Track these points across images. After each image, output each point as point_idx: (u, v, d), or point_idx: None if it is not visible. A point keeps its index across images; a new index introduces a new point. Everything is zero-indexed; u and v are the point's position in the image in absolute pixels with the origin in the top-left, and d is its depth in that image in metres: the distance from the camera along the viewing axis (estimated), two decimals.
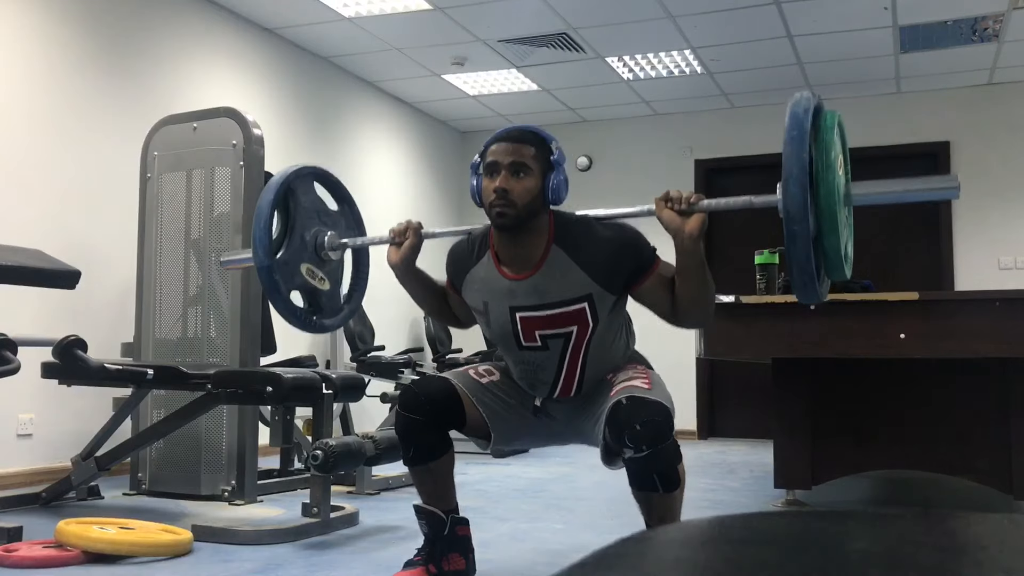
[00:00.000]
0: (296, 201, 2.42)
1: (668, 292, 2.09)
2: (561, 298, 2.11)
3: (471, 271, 2.24)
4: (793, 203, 1.74)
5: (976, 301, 2.98)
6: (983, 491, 3.70)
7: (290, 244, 2.41)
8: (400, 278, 2.34)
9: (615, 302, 2.15)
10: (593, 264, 2.09)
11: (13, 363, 2.82)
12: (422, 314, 6.99)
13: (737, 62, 6.23)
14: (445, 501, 2.27)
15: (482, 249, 2.22)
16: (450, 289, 2.35)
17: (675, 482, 1.97)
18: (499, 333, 2.21)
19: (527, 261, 2.13)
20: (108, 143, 4.50)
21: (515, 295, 2.15)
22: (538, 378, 2.23)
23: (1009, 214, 6.52)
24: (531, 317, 2.14)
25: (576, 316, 2.12)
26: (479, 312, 2.25)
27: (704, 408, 7.17)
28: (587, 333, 2.14)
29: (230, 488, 3.55)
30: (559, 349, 2.16)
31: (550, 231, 2.13)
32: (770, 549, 0.58)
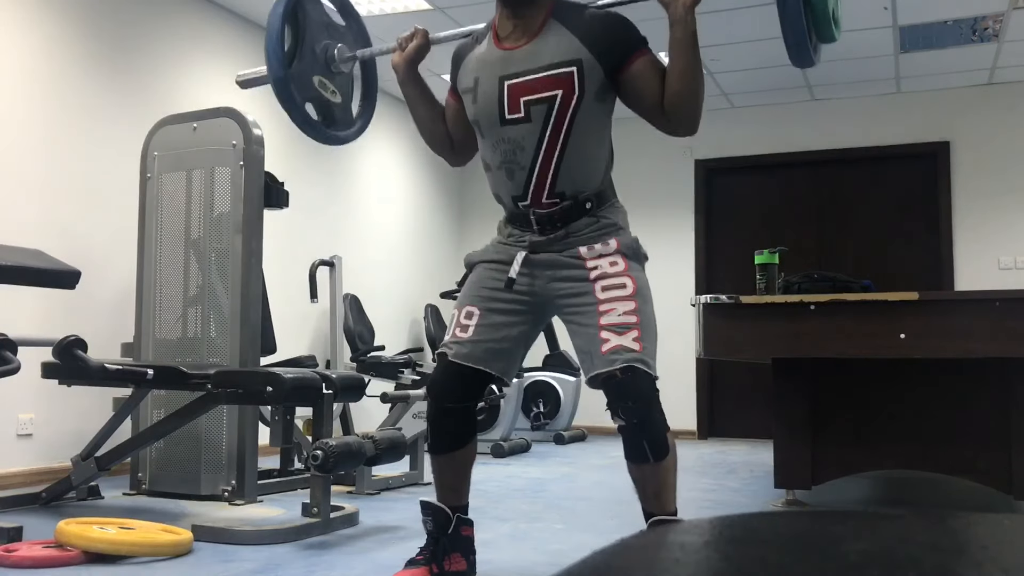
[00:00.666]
0: (305, 14, 2.45)
1: (658, 81, 2.17)
2: (552, 60, 2.16)
3: (469, 54, 2.31)
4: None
5: (976, 301, 2.98)
6: (983, 491, 3.70)
7: (302, 57, 2.43)
8: (402, 81, 2.39)
9: (603, 82, 2.17)
10: (587, 34, 2.17)
11: (13, 363, 2.82)
12: (422, 314, 6.98)
13: (737, 62, 6.23)
14: (459, 496, 2.30)
15: (483, 34, 2.32)
16: (451, 98, 2.39)
17: (664, 450, 2.08)
18: (484, 108, 2.23)
19: (525, 31, 2.21)
20: (108, 143, 4.50)
21: (507, 64, 2.21)
22: (516, 161, 2.20)
23: (1009, 214, 6.52)
24: (519, 83, 2.18)
25: (563, 79, 2.15)
26: (468, 91, 2.28)
27: (704, 408, 7.17)
28: (571, 102, 2.15)
29: (230, 488, 3.55)
30: (541, 120, 2.16)
31: (550, 7, 2.23)
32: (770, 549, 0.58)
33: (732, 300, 3.19)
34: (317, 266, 5.66)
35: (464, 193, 7.95)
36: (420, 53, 2.37)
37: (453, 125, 2.41)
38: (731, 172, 7.32)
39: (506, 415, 5.61)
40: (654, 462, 2.08)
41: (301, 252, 5.78)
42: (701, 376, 7.13)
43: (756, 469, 5.02)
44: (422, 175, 7.45)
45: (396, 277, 6.91)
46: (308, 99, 2.45)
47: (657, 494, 2.11)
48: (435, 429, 2.28)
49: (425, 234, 7.41)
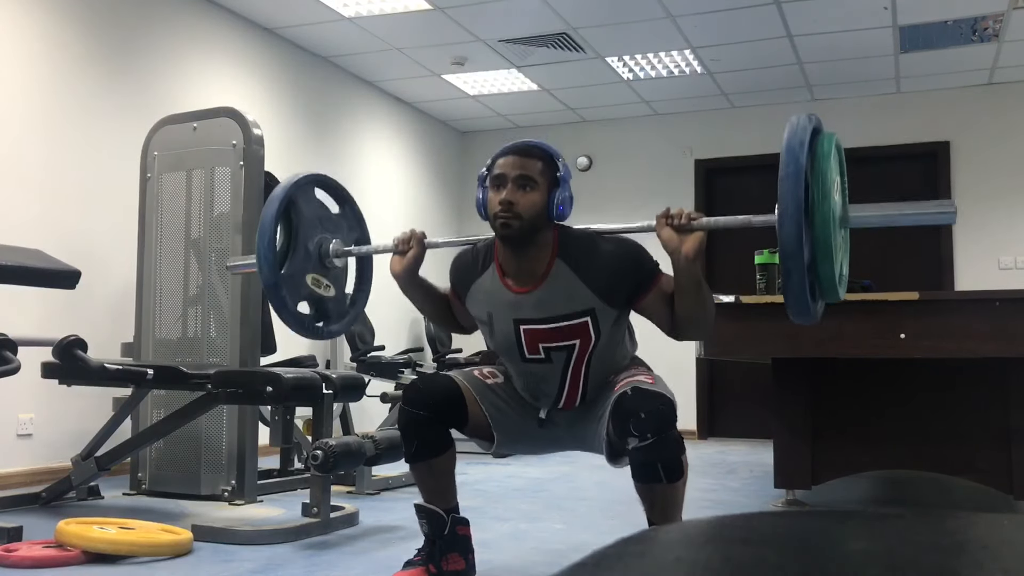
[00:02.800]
0: (298, 212, 2.42)
1: (669, 307, 2.12)
2: (564, 312, 2.13)
3: (475, 282, 2.25)
4: (788, 239, 1.77)
5: (976, 301, 2.98)
6: (983, 491, 3.70)
7: (294, 256, 2.41)
8: (403, 287, 2.35)
9: (617, 316, 2.17)
10: (596, 279, 2.11)
11: (13, 363, 2.82)
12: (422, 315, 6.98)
13: (737, 62, 6.23)
14: (446, 500, 2.28)
15: (487, 261, 2.23)
16: (453, 298, 2.36)
17: (678, 472, 2.00)
18: (503, 344, 2.22)
19: (531, 275, 2.15)
20: (108, 143, 4.50)
21: (519, 308, 2.16)
22: (541, 389, 2.24)
23: (1009, 214, 6.52)
24: (535, 330, 2.16)
25: (579, 330, 2.14)
26: (483, 323, 2.27)
27: (704, 408, 7.17)
28: (589, 346, 2.16)
29: (230, 488, 3.54)
30: (562, 361, 2.18)
31: (554, 245, 2.15)
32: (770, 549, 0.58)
33: (732, 300, 3.18)
34: None
35: (464, 193, 7.95)
36: (418, 262, 2.31)
37: (461, 317, 2.41)
38: (731, 172, 7.32)
39: None
40: (666, 483, 2.00)
41: None
42: (701, 376, 7.13)
43: (756, 469, 5.02)
44: (422, 175, 7.44)
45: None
46: (301, 299, 2.43)
47: (664, 511, 2.06)
48: (408, 437, 2.21)
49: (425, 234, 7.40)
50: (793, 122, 1.85)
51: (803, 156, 1.78)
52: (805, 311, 1.85)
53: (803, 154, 1.79)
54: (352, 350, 5.79)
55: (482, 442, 2.31)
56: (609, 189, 7.40)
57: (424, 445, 2.21)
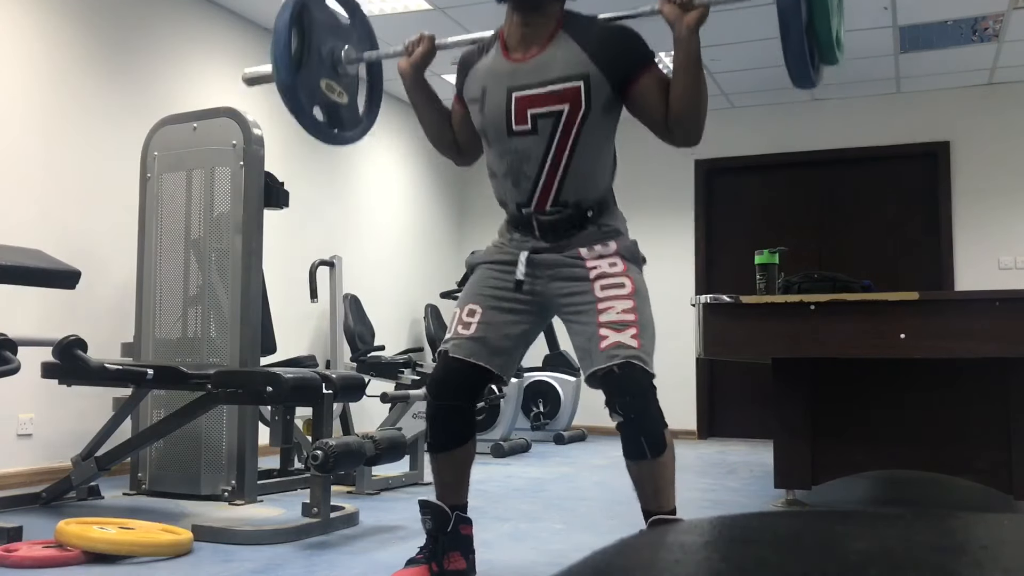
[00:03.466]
0: (311, 17, 2.44)
1: (663, 95, 2.19)
2: (560, 74, 2.17)
3: (476, 64, 2.32)
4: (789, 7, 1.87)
5: (976, 301, 2.98)
6: (983, 491, 3.70)
7: (308, 61, 2.44)
8: (408, 86, 2.40)
9: (610, 96, 2.19)
10: (595, 46, 2.18)
11: (13, 363, 2.82)
12: (422, 314, 6.98)
13: (737, 62, 6.23)
14: (458, 495, 2.30)
15: (491, 43, 2.31)
16: (456, 105, 2.41)
17: (661, 446, 2.10)
18: (492, 119, 2.24)
19: (534, 42, 2.22)
20: (108, 143, 4.50)
21: (515, 75, 2.21)
22: (522, 171, 2.22)
23: (1009, 214, 6.52)
24: (526, 95, 2.19)
25: (570, 94, 2.17)
26: (475, 101, 2.29)
27: (704, 408, 7.17)
28: (577, 116, 2.17)
29: (230, 488, 3.55)
30: (547, 133, 2.18)
31: (559, 17, 2.23)
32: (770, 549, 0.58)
33: (732, 300, 3.18)
34: (317, 266, 5.66)
35: (464, 193, 7.95)
36: (426, 59, 2.37)
37: (459, 130, 2.43)
38: (731, 172, 7.32)
39: (506, 415, 5.60)
40: (651, 458, 2.09)
41: (301, 252, 5.78)
42: (701, 376, 7.13)
43: (756, 469, 5.02)
44: (422, 175, 7.45)
45: (396, 277, 6.91)
46: (315, 103, 2.47)
47: (656, 492, 2.13)
48: (434, 427, 2.29)
49: (425, 234, 7.41)
50: None
51: None
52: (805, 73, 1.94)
53: None
54: (352, 350, 5.79)
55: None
56: None
57: (449, 435, 2.27)
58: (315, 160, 5.97)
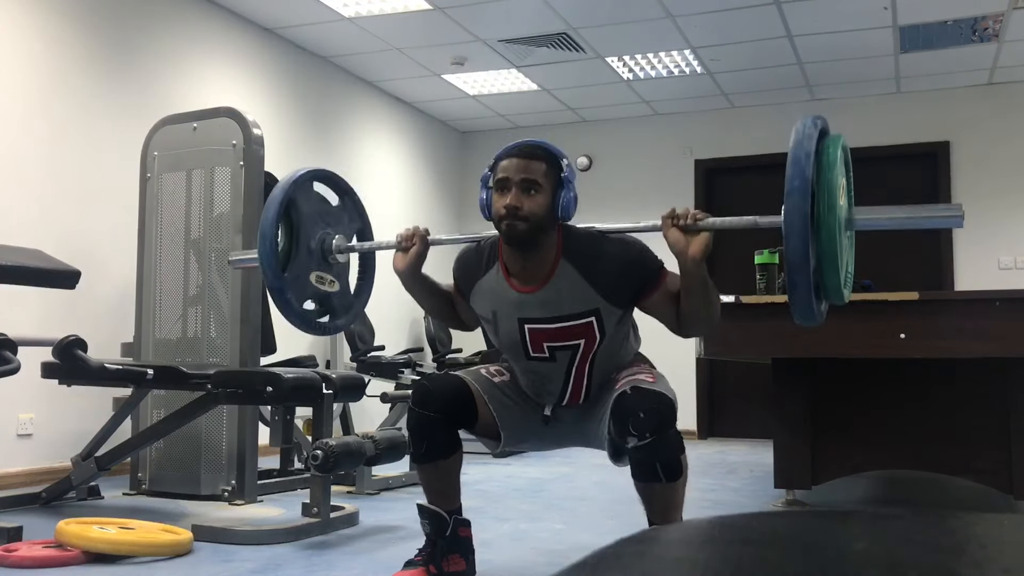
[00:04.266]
0: (298, 211, 2.42)
1: (674, 305, 2.12)
2: (569, 312, 2.13)
3: (480, 281, 2.25)
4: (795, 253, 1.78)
5: (976, 301, 2.98)
6: (983, 491, 3.70)
7: (297, 256, 2.41)
8: (406, 284, 2.35)
9: (622, 315, 2.18)
10: (601, 280, 2.11)
11: (13, 363, 2.82)
12: (422, 314, 6.98)
13: (737, 62, 6.23)
14: (449, 501, 2.28)
15: (491, 260, 2.23)
16: (457, 295, 2.36)
17: (677, 471, 2.01)
18: (507, 343, 2.23)
19: (536, 275, 2.14)
20: (108, 143, 4.50)
21: (524, 307, 2.16)
22: (545, 388, 2.25)
23: (1009, 214, 6.52)
24: (539, 329, 2.16)
25: (583, 330, 2.14)
26: (487, 321, 2.26)
27: (704, 408, 7.17)
28: (594, 346, 2.17)
29: (230, 488, 3.54)
30: (566, 360, 2.18)
31: (559, 246, 2.14)
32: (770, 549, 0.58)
33: (732, 300, 3.18)
34: None
35: (464, 193, 7.95)
36: (421, 258, 2.30)
37: (463, 312, 2.40)
38: (731, 172, 7.32)
39: None
40: (665, 482, 2.01)
41: None
42: (701, 376, 7.13)
43: (756, 469, 5.02)
44: (422, 175, 7.45)
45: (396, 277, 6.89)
46: (306, 298, 2.45)
47: (664, 511, 2.07)
48: (417, 438, 2.20)
49: None
50: (799, 131, 1.82)
51: (809, 169, 1.78)
52: (810, 316, 1.87)
53: (809, 166, 1.78)
54: (352, 350, 5.79)
55: (488, 441, 2.32)
56: (609, 189, 7.40)
57: (433, 446, 2.20)
58: (315, 160, 5.97)
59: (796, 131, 1.83)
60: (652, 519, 2.11)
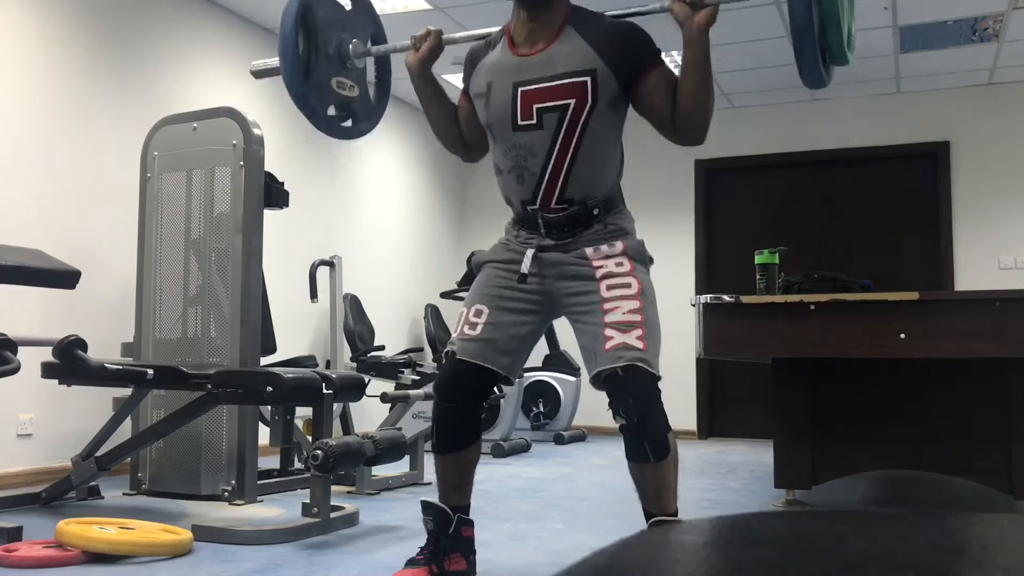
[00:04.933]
0: (314, 16, 2.44)
1: (670, 93, 2.17)
2: (566, 69, 2.17)
3: (483, 59, 2.31)
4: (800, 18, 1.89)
5: (976, 301, 2.98)
6: (983, 491, 3.70)
7: (317, 63, 2.44)
8: (416, 81, 2.40)
9: (616, 92, 2.18)
10: (603, 42, 2.17)
11: (13, 363, 2.82)
12: (422, 314, 6.98)
13: (737, 62, 6.23)
14: (461, 496, 2.30)
15: (498, 38, 2.31)
16: (463, 101, 2.40)
17: (664, 449, 2.08)
18: (497, 114, 2.24)
19: (540, 37, 2.21)
20: (108, 143, 4.50)
21: (521, 70, 2.21)
22: (527, 167, 2.21)
23: (1009, 214, 6.52)
24: (532, 90, 2.19)
25: (576, 88, 2.16)
26: (481, 96, 2.28)
27: (704, 408, 7.17)
28: (583, 111, 2.16)
29: (230, 488, 3.55)
30: (552, 127, 2.18)
31: (566, 12, 2.23)
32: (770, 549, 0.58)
33: (732, 300, 3.18)
34: (317, 266, 5.66)
35: (464, 193, 7.95)
36: (434, 54, 2.38)
37: (466, 126, 2.43)
38: (731, 172, 7.32)
39: (506, 415, 5.60)
40: (654, 462, 2.08)
41: (301, 252, 5.78)
42: (701, 376, 7.13)
43: (756, 469, 5.02)
44: (422, 175, 7.45)
45: (396, 277, 6.91)
46: (329, 103, 2.49)
47: (657, 494, 2.12)
48: (439, 428, 2.28)
49: (425, 234, 7.41)
50: None
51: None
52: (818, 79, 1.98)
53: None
54: (352, 350, 5.79)
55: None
56: None
57: (454, 436, 2.26)
58: (315, 160, 5.97)
59: None
60: (646, 506, 2.15)
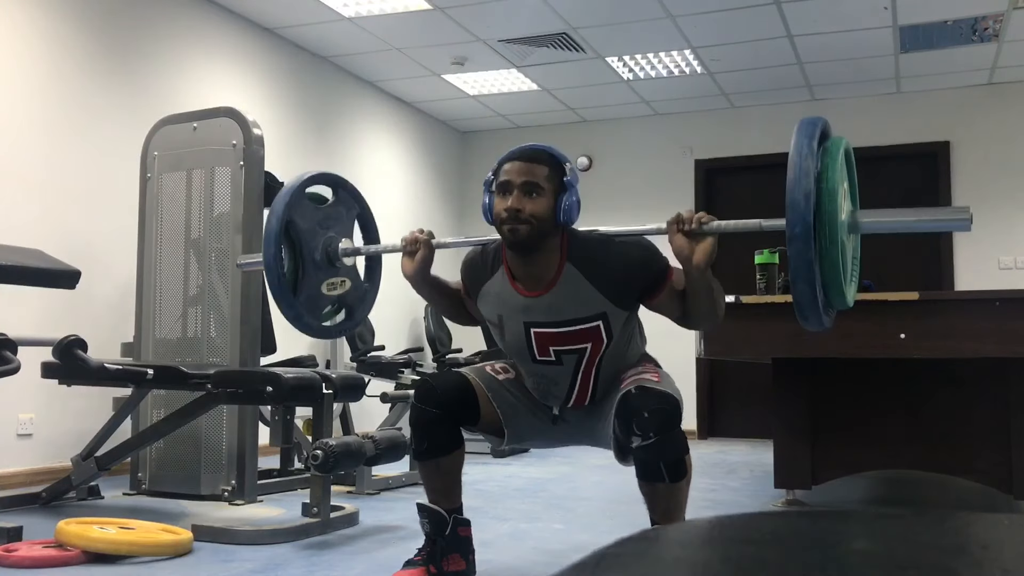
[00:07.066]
0: (296, 229, 2.42)
1: (680, 302, 2.13)
2: (575, 316, 2.13)
3: (486, 284, 2.25)
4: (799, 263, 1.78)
5: (976, 301, 2.98)
6: (983, 491, 3.70)
7: (305, 275, 2.43)
8: (416, 288, 2.36)
9: (628, 316, 2.18)
10: (606, 283, 2.11)
11: (13, 363, 2.82)
12: (422, 314, 6.98)
13: (737, 62, 6.23)
14: (450, 499, 2.28)
15: (496, 264, 2.23)
16: (465, 295, 2.37)
17: (682, 472, 2.02)
18: (514, 346, 2.23)
19: (541, 279, 2.14)
20: (108, 143, 4.50)
21: (530, 311, 2.16)
22: (551, 391, 2.25)
23: (1009, 214, 6.52)
24: (545, 333, 2.16)
25: (590, 333, 2.14)
26: (494, 324, 2.27)
27: (704, 408, 7.17)
28: (601, 348, 2.17)
29: (230, 488, 3.54)
30: (573, 364, 2.18)
31: (563, 250, 2.14)
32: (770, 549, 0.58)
33: (732, 300, 3.18)
34: None
35: (464, 193, 7.95)
36: (428, 262, 2.30)
37: (474, 311, 2.40)
38: (731, 172, 7.32)
39: None
40: (669, 483, 2.03)
41: None
42: (701, 376, 7.13)
43: (756, 469, 5.02)
44: (422, 175, 7.44)
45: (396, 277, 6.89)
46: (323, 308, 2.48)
47: (667, 512, 2.08)
48: (420, 435, 2.22)
49: None
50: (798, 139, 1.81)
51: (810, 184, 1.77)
52: (818, 323, 1.89)
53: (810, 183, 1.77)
54: (352, 350, 5.79)
55: (492, 438, 2.32)
56: (609, 189, 7.39)
57: (434, 443, 2.22)
58: (315, 160, 5.97)
59: (796, 137, 1.82)
60: (655, 520, 2.11)
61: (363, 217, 2.65)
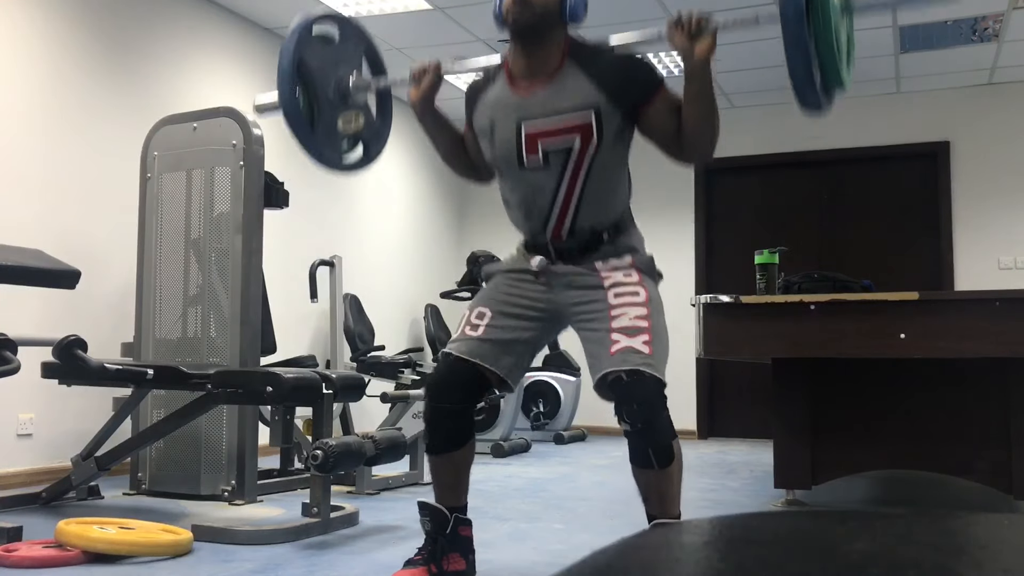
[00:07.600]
0: (308, 68, 2.43)
1: (674, 118, 2.15)
2: (569, 105, 2.15)
3: (483, 95, 2.30)
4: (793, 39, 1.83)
5: (976, 301, 2.98)
6: (983, 491, 3.70)
7: (321, 113, 2.45)
8: (419, 116, 2.39)
9: (620, 123, 2.17)
10: (604, 76, 2.14)
11: (13, 363, 2.82)
12: (422, 314, 6.99)
13: (737, 62, 6.23)
14: (456, 496, 2.30)
15: (497, 73, 2.29)
16: (467, 130, 2.40)
17: (668, 457, 2.07)
18: (502, 151, 2.23)
19: (540, 72, 2.18)
20: (108, 143, 4.50)
21: (523, 107, 2.19)
22: (535, 203, 2.23)
23: (1009, 214, 6.52)
24: (536, 128, 2.17)
25: (580, 125, 2.14)
26: (484, 133, 2.28)
27: (704, 408, 7.17)
28: (588, 148, 2.15)
29: (230, 488, 3.55)
30: (559, 166, 2.17)
31: (565, 47, 2.19)
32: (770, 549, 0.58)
33: (732, 300, 3.19)
34: (317, 266, 5.66)
35: (464, 193, 7.95)
36: (434, 88, 2.34)
37: (474, 152, 2.42)
38: (731, 172, 7.31)
39: (506, 415, 5.61)
40: (658, 469, 2.07)
41: (301, 252, 5.77)
42: (701, 376, 7.13)
43: (756, 469, 5.02)
44: (422, 175, 7.44)
45: (396, 277, 6.91)
46: (340, 143, 2.51)
47: (661, 500, 2.11)
48: (431, 429, 2.26)
49: (425, 234, 7.41)
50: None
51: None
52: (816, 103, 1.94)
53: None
54: (352, 350, 5.79)
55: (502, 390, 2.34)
56: None
57: (446, 437, 2.25)
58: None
59: None
60: (650, 511, 2.14)
61: (369, 52, 2.66)
